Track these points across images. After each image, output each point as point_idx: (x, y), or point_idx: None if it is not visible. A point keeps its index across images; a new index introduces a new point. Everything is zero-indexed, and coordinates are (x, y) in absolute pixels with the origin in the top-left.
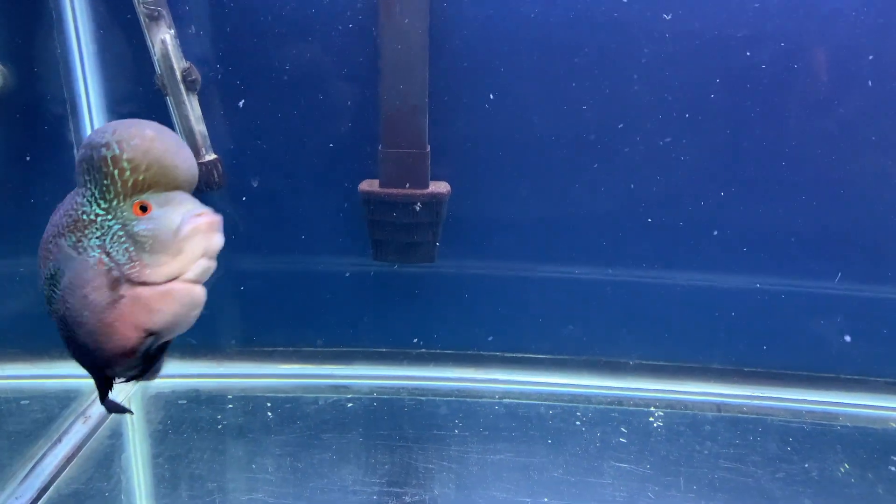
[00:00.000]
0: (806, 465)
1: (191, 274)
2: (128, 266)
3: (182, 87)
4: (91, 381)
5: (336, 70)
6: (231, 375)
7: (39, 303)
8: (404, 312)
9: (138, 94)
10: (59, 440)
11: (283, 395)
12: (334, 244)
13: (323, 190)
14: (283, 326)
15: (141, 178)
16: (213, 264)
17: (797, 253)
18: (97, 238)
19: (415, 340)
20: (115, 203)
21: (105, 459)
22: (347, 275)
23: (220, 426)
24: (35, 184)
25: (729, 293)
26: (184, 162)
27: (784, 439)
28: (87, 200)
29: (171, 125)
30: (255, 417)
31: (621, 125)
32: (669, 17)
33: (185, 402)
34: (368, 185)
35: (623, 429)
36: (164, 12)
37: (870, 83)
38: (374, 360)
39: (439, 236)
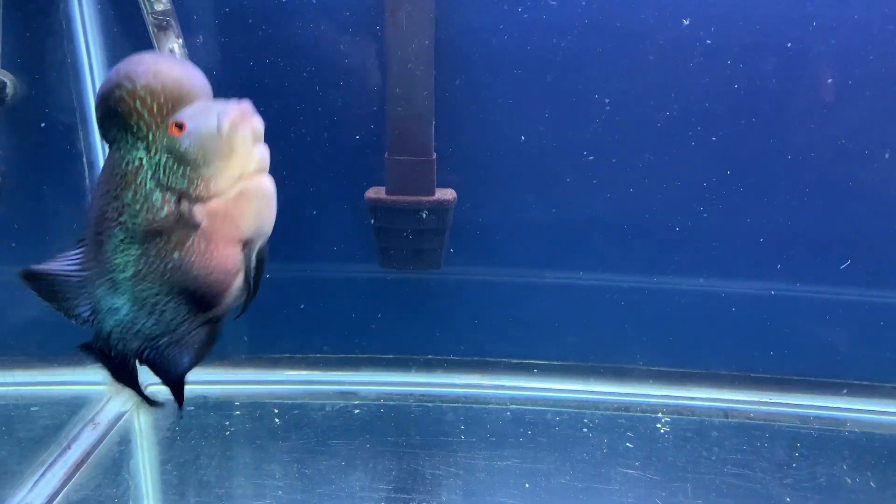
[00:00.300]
0: (814, 471)
1: (252, 166)
2: (192, 188)
3: None
4: (97, 389)
5: (342, 78)
6: (238, 382)
7: (50, 309)
8: (411, 319)
9: None
10: (69, 447)
11: (290, 401)
12: (341, 251)
13: (329, 197)
14: (290, 333)
15: (162, 99)
16: (266, 150)
17: (804, 258)
18: (151, 179)
19: (421, 347)
20: (151, 137)
21: (114, 466)
22: (354, 282)
23: (227, 432)
24: (44, 192)
25: (736, 298)
26: (191, 72)
27: (792, 445)
28: (126, 150)
29: None
30: (262, 424)
31: (627, 131)
32: (688, 22)
33: (192, 408)
34: (375, 193)
35: (630, 434)
36: (173, 22)
37: (875, 88)
38: (380, 367)
39: (445, 243)
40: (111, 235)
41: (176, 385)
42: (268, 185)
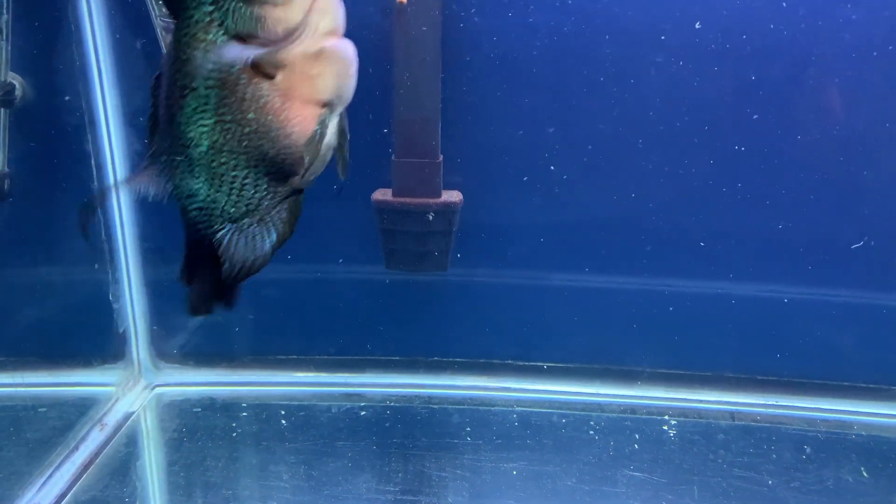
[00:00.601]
0: (821, 474)
1: (327, 21)
2: (262, 25)
3: None
4: (104, 390)
5: None
6: (245, 383)
7: (58, 311)
8: (417, 321)
9: None
10: (77, 448)
11: (296, 402)
12: (347, 253)
13: (336, 199)
14: (296, 334)
15: None
16: (342, 7)
17: (810, 260)
18: (221, 34)
19: (427, 349)
20: None
21: (121, 467)
22: (360, 283)
23: (234, 434)
24: (53, 194)
25: (742, 301)
26: None
27: (799, 448)
28: (193, 7)
29: None
30: (269, 425)
31: (633, 134)
32: (699, 26)
33: (199, 409)
34: (381, 195)
35: (636, 437)
36: None
37: (883, 90)
38: (386, 369)
39: (452, 245)
40: (184, 106)
41: (252, 266)
42: (349, 48)
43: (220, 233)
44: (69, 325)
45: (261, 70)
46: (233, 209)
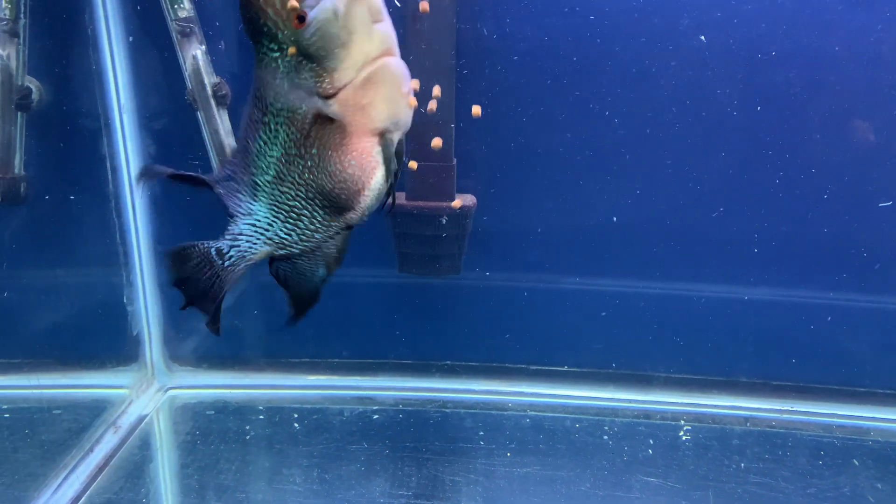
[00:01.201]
0: (837, 481)
1: (374, 49)
2: (319, 84)
3: (212, 101)
4: (118, 392)
5: None
6: (258, 386)
7: (73, 313)
8: (430, 325)
9: (170, 108)
10: (91, 450)
11: (309, 406)
12: (360, 256)
13: None
14: (309, 338)
15: None
16: (389, 27)
17: (826, 265)
18: (286, 80)
19: (440, 352)
20: (280, 35)
21: (135, 469)
22: (373, 287)
23: (247, 437)
24: (69, 197)
25: (757, 306)
26: None
27: (815, 454)
28: (264, 53)
29: (201, 139)
30: (282, 428)
31: (648, 138)
32: (704, 38)
33: (212, 412)
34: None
35: (651, 442)
36: (196, 29)
37: (893, 96)
38: (399, 372)
39: (465, 249)
40: (256, 138)
41: (307, 298)
42: (394, 64)
43: (275, 267)
44: (83, 328)
45: (321, 114)
46: (286, 236)
